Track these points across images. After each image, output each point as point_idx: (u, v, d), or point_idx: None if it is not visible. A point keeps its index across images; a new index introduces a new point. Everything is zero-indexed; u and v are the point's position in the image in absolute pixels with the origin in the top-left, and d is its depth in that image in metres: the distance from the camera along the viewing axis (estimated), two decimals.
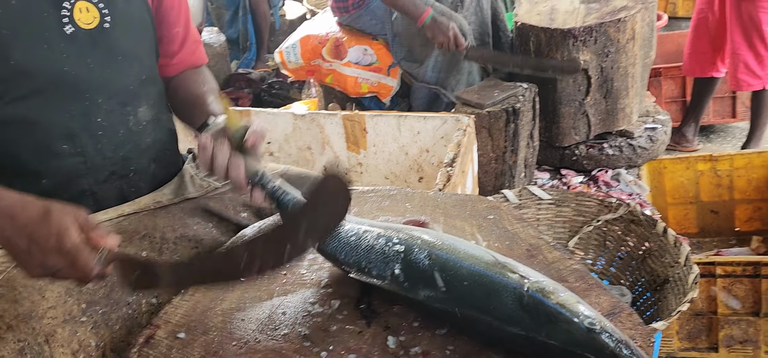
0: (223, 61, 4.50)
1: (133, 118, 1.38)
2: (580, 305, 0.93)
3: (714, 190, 3.00)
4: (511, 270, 0.99)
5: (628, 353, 0.87)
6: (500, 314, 0.96)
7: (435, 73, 3.00)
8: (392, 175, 2.42)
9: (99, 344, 1.20)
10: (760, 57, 3.67)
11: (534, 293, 0.94)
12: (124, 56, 1.34)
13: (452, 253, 1.04)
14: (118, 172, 1.37)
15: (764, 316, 2.18)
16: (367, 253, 1.09)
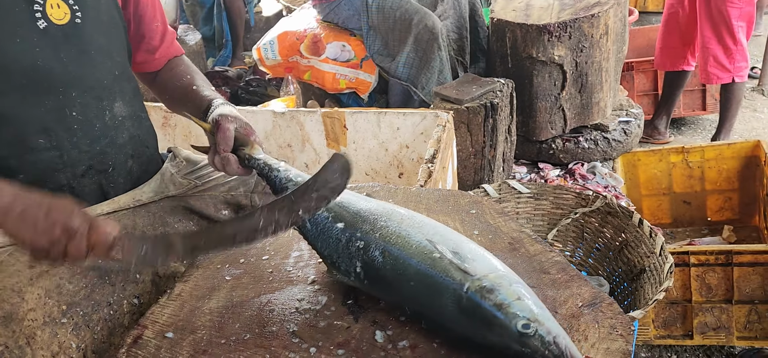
0: (200, 59, 4.46)
1: (108, 113, 1.39)
2: (519, 304, 0.93)
3: (686, 181, 3.07)
4: (458, 267, 0.99)
5: (557, 353, 0.88)
6: (441, 314, 0.99)
7: (406, 69, 2.99)
8: (372, 172, 2.43)
9: (80, 345, 1.19)
10: (728, 51, 3.75)
11: (472, 294, 0.95)
12: (96, 51, 1.35)
13: (404, 248, 1.05)
14: (95, 167, 1.37)
15: (737, 303, 2.24)
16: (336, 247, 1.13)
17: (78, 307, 1.20)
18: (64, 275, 1.20)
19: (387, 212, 1.13)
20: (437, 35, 2.89)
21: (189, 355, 1.03)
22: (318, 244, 1.17)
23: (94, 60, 1.34)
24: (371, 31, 3.08)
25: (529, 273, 1.19)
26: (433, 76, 2.95)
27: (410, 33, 2.91)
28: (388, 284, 1.05)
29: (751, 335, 2.28)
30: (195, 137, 2.51)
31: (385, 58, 3.08)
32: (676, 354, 2.46)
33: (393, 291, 1.05)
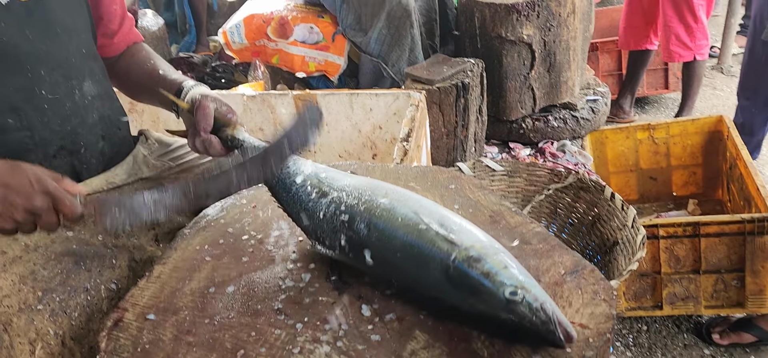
0: (163, 45, 4.36)
1: (78, 93, 1.35)
2: (506, 272, 0.93)
3: (652, 157, 3.13)
4: (444, 238, 0.99)
5: (545, 319, 0.89)
6: (429, 285, 0.99)
7: (377, 46, 2.97)
8: (346, 154, 2.41)
9: (58, 332, 1.16)
10: (690, 29, 3.84)
11: (459, 263, 0.96)
12: (62, 29, 1.31)
13: (390, 221, 1.04)
14: (67, 147, 1.34)
15: (704, 272, 2.30)
16: (320, 222, 1.12)
17: (54, 293, 1.17)
18: (38, 261, 1.17)
19: (371, 186, 1.12)
20: (410, 13, 2.88)
21: (173, 336, 1.01)
22: (300, 218, 1.15)
23: (60, 37, 1.31)
24: (344, 4, 3.05)
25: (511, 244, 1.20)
26: (405, 54, 2.94)
27: (383, 9, 2.89)
28: (373, 255, 1.04)
29: (717, 304, 2.35)
30: (164, 122, 2.46)
31: (357, 32, 3.06)
32: (646, 325, 2.52)
33: (379, 262, 1.04)
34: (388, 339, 0.98)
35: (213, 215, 1.37)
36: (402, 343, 0.97)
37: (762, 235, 2.21)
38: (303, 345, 0.97)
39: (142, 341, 1.00)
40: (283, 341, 0.98)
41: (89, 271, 1.25)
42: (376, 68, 3.02)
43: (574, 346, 0.93)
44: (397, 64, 2.96)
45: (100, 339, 1.01)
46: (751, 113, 3.21)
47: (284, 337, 0.99)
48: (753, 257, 2.24)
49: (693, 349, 2.40)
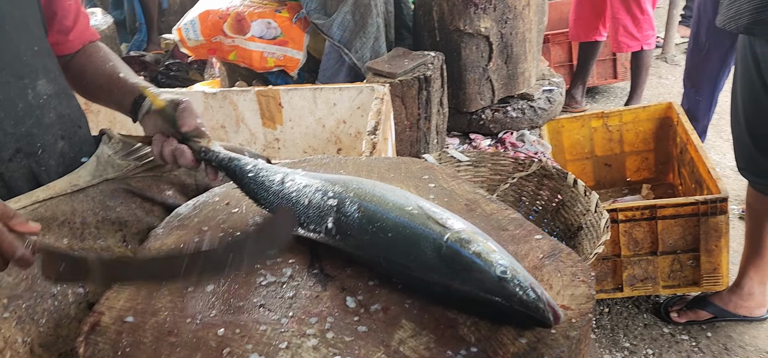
0: (113, 44, 4.23)
1: (31, 92, 1.30)
2: (496, 254, 0.97)
3: (606, 144, 3.22)
4: (436, 221, 1.02)
5: (535, 298, 0.92)
6: (420, 264, 1.00)
7: (340, 31, 2.96)
8: (310, 149, 2.40)
9: (25, 340, 1.12)
10: (637, 20, 3.98)
11: (452, 243, 0.98)
12: (11, 26, 1.25)
13: (381, 204, 1.07)
14: (23, 149, 1.28)
15: (661, 254, 2.39)
16: (306, 208, 1.12)
17: (20, 300, 1.12)
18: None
19: (357, 179, 1.14)
20: (376, 2, 2.88)
21: (154, 338, 0.98)
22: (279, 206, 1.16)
23: (9, 34, 1.25)
24: None
25: (489, 231, 1.21)
26: (369, 42, 2.94)
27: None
28: (363, 236, 1.05)
29: (674, 283, 2.44)
30: (121, 123, 2.39)
31: (321, 16, 3.04)
32: (608, 307, 2.59)
33: (368, 242, 1.05)
34: (375, 329, 0.98)
35: (185, 213, 1.34)
36: (389, 332, 0.97)
37: (715, 215, 2.30)
38: (290, 340, 0.96)
39: (121, 344, 0.97)
40: (269, 337, 0.97)
41: None
42: (338, 57, 3.00)
43: (559, 327, 0.95)
44: (360, 51, 2.96)
45: (78, 344, 0.97)
46: (696, 100, 3.34)
47: (270, 332, 0.98)
48: (707, 237, 2.34)
49: (653, 328, 2.48)
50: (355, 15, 2.92)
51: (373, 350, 0.93)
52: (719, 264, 2.38)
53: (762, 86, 2.01)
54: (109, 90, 1.41)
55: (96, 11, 4.39)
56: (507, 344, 0.93)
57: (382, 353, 0.93)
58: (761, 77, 2.00)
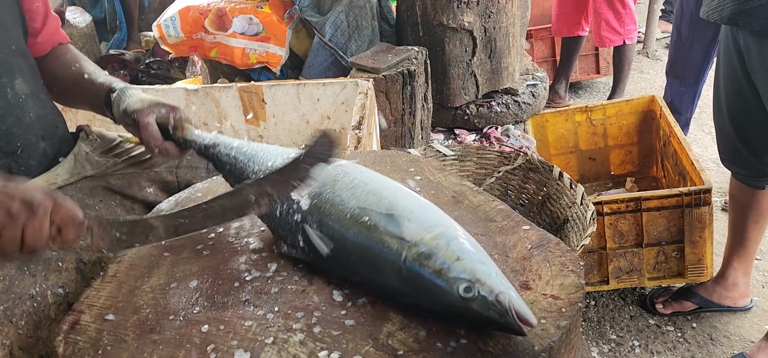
0: (92, 43, 4.16)
1: (10, 91, 1.28)
2: (458, 265, 0.91)
3: (590, 138, 3.23)
4: (392, 234, 0.96)
5: (501, 311, 0.86)
6: (385, 285, 0.97)
7: (331, 30, 2.94)
8: (294, 145, 2.37)
9: (4, 342, 1.09)
10: (619, 15, 3.99)
11: (411, 264, 0.93)
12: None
13: (339, 220, 1.01)
14: (2, 148, 1.27)
15: (646, 246, 2.39)
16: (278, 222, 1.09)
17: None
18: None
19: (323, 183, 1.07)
20: (372, 3, 2.86)
21: (136, 335, 0.95)
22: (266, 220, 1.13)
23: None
24: None
25: (476, 223, 1.20)
26: (364, 44, 2.91)
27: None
28: (331, 258, 1.02)
29: (659, 275, 2.45)
30: (100, 121, 2.35)
31: (314, 13, 3.01)
32: (594, 300, 2.60)
33: (337, 266, 1.02)
34: (363, 323, 0.96)
35: (167, 209, 1.31)
36: (377, 326, 0.95)
37: (699, 207, 2.31)
38: (276, 334, 0.94)
39: (102, 342, 0.95)
40: (254, 332, 0.95)
41: (34, 276, 1.17)
42: (330, 56, 2.98)
43: (549, 316, 0.94)
44: (356, 52, 2.93)
45: (57, 344, 0.94)
46: (679, 92, 3.36)
47: (255, 328, 0.96)
48: (691, 229, 2.35)
49: (638, 320, 2.49)
50: (349, 16, 2.90)
51: (361, 344, 0.92)
52: (703, 255, 2.39)
53: (745, 77, 2.02)
54: (78, 93, 1.39)
55: (75, 10, 4.31)
56: (497, 335, 0.92)
57: (370, 346, 0.91)
58: (744, 68, 2.01)
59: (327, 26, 2.92)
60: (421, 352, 0.90)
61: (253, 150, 1.19)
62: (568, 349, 0.98)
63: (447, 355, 0.89)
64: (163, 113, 1.26)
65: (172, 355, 0.92)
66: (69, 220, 0.94)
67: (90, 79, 1.39)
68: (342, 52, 2.93)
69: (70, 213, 0.94)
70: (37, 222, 0.90)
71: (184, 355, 0.92)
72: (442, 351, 0.90)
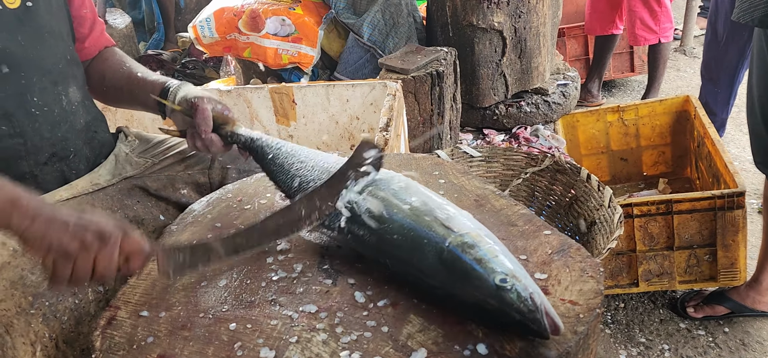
0: (131, 43, 4.29)
1: (65, 98, 1.35)
2: (497, 260, 0.95)
3: (622, 139, 3.20)
4: (441, 223, 1.01)
5: (532, 308, 0.89)
6: (422, 267, 1.00)
7: (370, 29, 2.97)
8: (324, 146, 2.41)
9: (51, 335, 1.16)
10: (654, 13, 3.93)
11: (453, 248, 0.97)
12: (50, 34, 1.31)
13: (389, 207, 1.07)
14: (58, 154, 1.34)
15: (677, 249, 2.37)
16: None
17: (43, 298, 1.16)
18: (26, 266, 1.15)
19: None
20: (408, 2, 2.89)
21: (168, 331, 1.00)
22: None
23: (49, 43, 1.30)
24: None
25: (498, 227, 1.22)
26: (402, 41, 2.94)
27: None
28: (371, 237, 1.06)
29: (691, 278, 2.42)
30: (137, 121, 2.43)
31: (350, 15, 3.06)
32: (623, 302, 2.58)
33: (375, 245, 1.06)
34: (383, 324, 0.99)
35: (199, 210, 1.36)
36: (398, 327, 0.98)
37: (732, 210, 2.28)
38: (300, 334, 0.98)
39: (136, 337, 1.00)
40: (279, 331, 0.99)
41: None
42: (365, 53, 3.02)
43: (567, 322, 0.96)
44: (394, 50, 2.96)
45: (94, 338, 1.00)
46: (714, 93, 3.30)
47: (281, 327, 1.00)
48: (724, 232, 2.31)
49: (668, 323, 2.46)
50: (386, 14, 2.94)
51: (381, 344, 0.94)
52: (737, 259, 2.35)
53: None
54: (130, 91, 1.45)
55: (114, 11, 4.44)
56: (515, 338, 0.94)
57: (390, 347, 0.94)
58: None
59: (365, 27, 2.96)
60: (439, 354, 0.93)
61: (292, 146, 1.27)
62: (585, 354, 0.99)
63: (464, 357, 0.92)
64: (218, 108, 1.32)
65: (202, 351, 0.96)
66: (137, 250, 1.00)
67: (143, 77, 1.45)
68: (381, 50, 2.97)
69: (138, 244, 1.00)
70: (108, 252, 0.96)
71: (213, 351, 0.96)
72: (459, 354, 0.92)
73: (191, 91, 1.35)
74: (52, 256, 0.95)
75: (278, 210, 1.10)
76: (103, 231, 0.96)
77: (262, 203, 1.36)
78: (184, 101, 1.32)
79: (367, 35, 2.96)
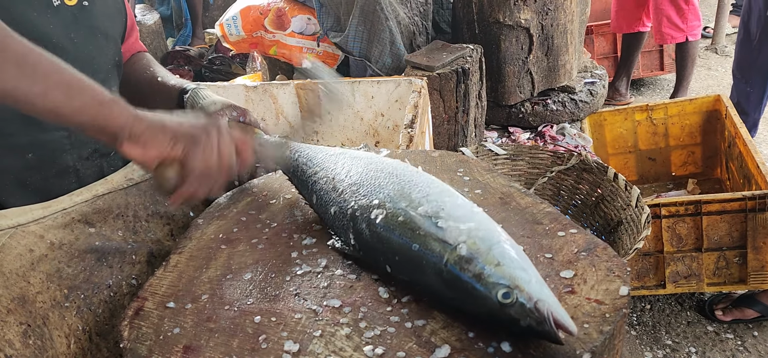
0: (159, 39, 4.35)
1: None
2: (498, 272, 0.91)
3: (651, 138, 3.15)
4: (435, 237, 0.97)
5: (539, 319, 0.86)
6: (428, 287, 0.99)
7: (357, 43, 2.95)
8: (348, 142, 2.42)
9: (85, 328, 1.19)
10: (681, 10, 3.86)
11: (452, 267, 0.94)
12: (102, 35, 1.33)
13: (386, 220, 1.04)
14: (100, 150, 1.36)
15: (706, 250, 2.33)
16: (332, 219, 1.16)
17: (79, 290, 1.18)
18: (63, 258, 1.17)
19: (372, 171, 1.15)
20: (383, 5, 2.86)
21: (194, 323, 1.01)
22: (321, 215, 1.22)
23: (100, 43, 1.33)
24: (323, 8, 3.05)
25: (522, 225, 1.21)
26: (385, 48, 2.91)
27: (356, 4, 2.88)
28: (379, 255, 1.06)
29: (719, 281, 2.37)
30: None
31: (338, 33, 3.05)
32: (649, 304, 2.54)
33: (385, 263, 1.06)
34: (407, 320, 0.99)
35: (225, 203, 1.37)
36: (421, 323, 0.98)
37: (763, 212, 2.23)
38: (324, 328, 0.98)
39: (163, 328, 1.01)
40: (303, 325, 0.99)
41: (111, 267, 1.25)
42: (362, 65, 3.02)
43: (592, 322, 0.95)
44: (380, 59, 2.94)
45: (122, 328, 1.01)
46: (746, 93, 3.23)
47: (305, 320, 1.00)
48: (755, 234, 2.27)
49: (696, 326, 2.43)
50: (366, 23, 2.89)
51: (405, 340, 0.94)
52: (767, 262, 2.30)
53: None
54: (151, 95, 1.47)
55: (143, 7, 4.51)
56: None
57: (414, 343, 0.94)
58: None
59: (350, 41, 2.93)
60: (463, 351, 0.92)
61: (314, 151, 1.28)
62: (611, 354, 0.98)
63: (488, 356, 0.91)
64: (234, 116, 1.33)
65: (227, 343, 0.97)
66: (243, 141, 1.12)
67: (162, 82, 1.47)
68: (368, 61, 2.94)
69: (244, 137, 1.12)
70: (226, 140, 1.07)
71: (238, 344, 0.97)
72: (483, 351, 0.92)
73: (206, 104, 1.35)
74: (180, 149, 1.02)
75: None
76: (215, 122, 1.05)
77: (287, 198, 1.36)
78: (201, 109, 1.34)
79: (358, 51, 2.94)
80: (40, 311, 1.11)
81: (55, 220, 1.20)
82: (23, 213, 1.17)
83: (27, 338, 1.07)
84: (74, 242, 1.21)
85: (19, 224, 1.15)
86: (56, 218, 1.20)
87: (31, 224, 1.16)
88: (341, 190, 1.15)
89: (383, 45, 2.94)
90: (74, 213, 1.22)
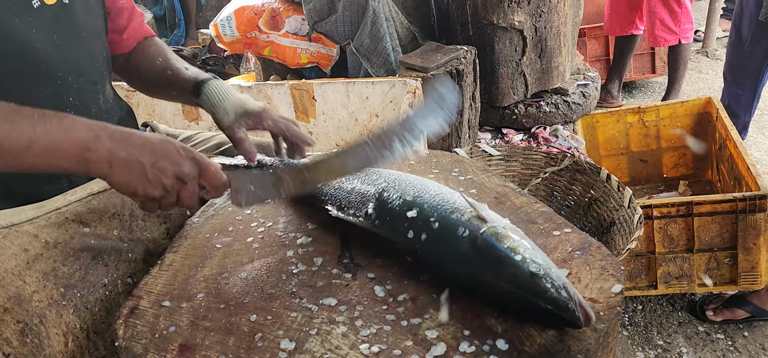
0: None
1: (102, 97, 1.35)
2: (530, 252, 0.97)
3: (642, 140, 3.17)
4: (475, 214, 1.03)
5: (566, 297, 0.91)
6: (454, 253, 1.01)
7: (344, 28, 2.93)
8: (343, 143, 2.42)
9: (82, 326, 1.18)
10: (674, 13, 3.89)
11: (487, 236, 0.99)
12: (87, 33, 1.29)
13: (421, 195, 1.10)
14: None
15: (697, 251, 2.34)
16: (348, 193, 1.18)
17: (75, 289, 1.18)
18: (58, 257, 1.17)
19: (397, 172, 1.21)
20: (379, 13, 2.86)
21: (189, 322, 1.02)
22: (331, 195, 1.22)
23: (86, 42, 1.29)
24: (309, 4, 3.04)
25: (517, 224, 1.21)
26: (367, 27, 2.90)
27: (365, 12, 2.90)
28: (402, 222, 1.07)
29: (711, 281, 2.39)
30: (159, 116, 2.46)
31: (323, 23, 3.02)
32: (641, 304, 2.56)
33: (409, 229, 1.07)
34: (403, 318, 1.00)
35: (220, 203, 1.37)
36: (417, 322, 0.99)
37: (754, 213, 2.25)
38: (319, 327, 0.99)
39: (159, 327, 1.01)
40: (299, 323, 1.00)
41: (106, 266, 1.25)
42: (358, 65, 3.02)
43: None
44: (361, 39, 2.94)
45: (117, 327, 1.01)
46: (737, 95, 3.26)
47: (300, 319, 1.01)
48: (745, 235, 2.28)
49: (687, 326, 2.44)
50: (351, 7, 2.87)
51: (401, 338, 0.95)
52: (757, 263, 2.32)
53: None
54: (164, 86, 1.44)
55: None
56: (534, 335, 0.94)
57: (410, 341, 0.95)
58: None
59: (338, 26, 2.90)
60: (459, 349, 0.93)
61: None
62: (605, 352, 0.99)
63: (484, 354, 0.92)
64: (250, 124, 1.31)
65: (223, 341, 0.98)
66: (214, 184, 1.09)
67: (174, 74, 1.42)
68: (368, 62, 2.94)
69: (215, 178, 1.08)
70: (189, 190, 1.06)
71: (234, 342, 0.97)
72: (479, 349, 0.92)
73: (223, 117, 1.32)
74: (138, 199, 1.05)
75: (345, 149, 1.10)
76: (182, 174, 1.04)
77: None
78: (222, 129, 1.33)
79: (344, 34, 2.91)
80: (37, 310, 1.10)
81: (48, 219, 1.19)
82: (16, 213, 1.16)
83: (24, 336, 1.06)
84: (69, 241, 1.21)
85: (13, 224, 1.15)
86: (50, 218, 1.19)
87: (25, 223, 1.16)
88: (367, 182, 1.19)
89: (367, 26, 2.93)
90: (68, 213, 1.22)
